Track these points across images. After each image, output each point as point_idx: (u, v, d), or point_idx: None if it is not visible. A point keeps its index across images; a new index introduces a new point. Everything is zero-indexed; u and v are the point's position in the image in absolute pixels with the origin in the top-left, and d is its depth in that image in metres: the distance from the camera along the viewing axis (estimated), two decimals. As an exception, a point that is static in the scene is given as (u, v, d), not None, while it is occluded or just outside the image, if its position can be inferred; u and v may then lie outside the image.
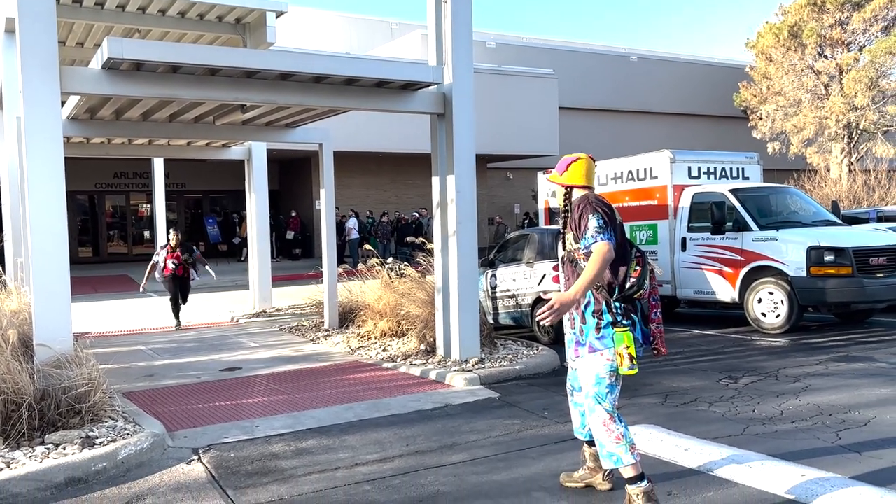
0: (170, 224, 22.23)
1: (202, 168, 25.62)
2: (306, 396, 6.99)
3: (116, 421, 5.62)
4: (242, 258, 22.61)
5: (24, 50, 6.07)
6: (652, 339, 4.04)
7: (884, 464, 4.55)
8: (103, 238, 27.59)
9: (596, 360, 3.94)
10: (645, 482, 3.80)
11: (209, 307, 14.60)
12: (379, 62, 8.70)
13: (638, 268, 3.95)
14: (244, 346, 10.21)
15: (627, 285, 3.91)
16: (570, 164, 4.11)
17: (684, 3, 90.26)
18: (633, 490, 3.80)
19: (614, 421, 3.91)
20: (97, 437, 5.20)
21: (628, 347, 3.78)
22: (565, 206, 4.11)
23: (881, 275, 9.70)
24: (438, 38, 8.19)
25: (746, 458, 4.70)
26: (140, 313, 14.17)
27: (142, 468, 4.99)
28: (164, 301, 12.82)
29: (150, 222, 25.59)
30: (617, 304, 3.88)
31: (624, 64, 32.36)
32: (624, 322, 3.85)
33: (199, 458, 5.19)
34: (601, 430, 3.92)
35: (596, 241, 3.79)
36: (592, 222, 3.83)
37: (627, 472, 3.84)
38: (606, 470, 4.17)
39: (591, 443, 4.25)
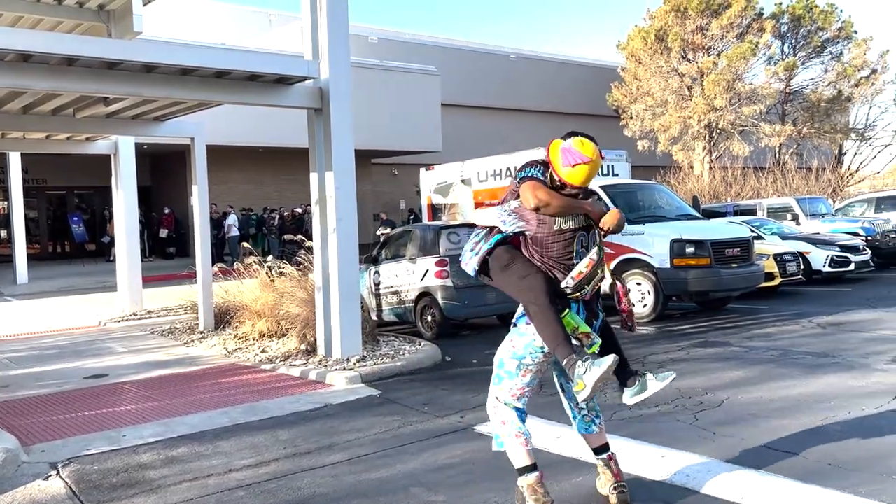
0: (30, 223, 20.74)
1: (65, 162, 23.98)
2: (178, 402, 6.72)
3: (-38, 438, 5.19)
4: (111, 258, 21.38)
5: None
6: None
7: (735, 441, 4.91)
8: (-49, 238, 25.35)
9: (506, 344, 3.87)
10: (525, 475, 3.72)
11: (74, 311, 13.73)
12: (251, 54, 8.46)
13: None
14: (112, 352, 9.69)
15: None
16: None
17: (562, 5, 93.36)
18: (522, 482, 3.75)
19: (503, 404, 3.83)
20: (-61, 457, 4.78)
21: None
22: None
23: (736, 265, 10.46)
24: (314, 31, 8.05)
25: (613, 441, 4.92)
26: (-6, 320, 13.13)
27: (-8, 488, 4.64)
28: (24, 304, 11.85)
29: (6, 221, 23.71)
30: None
31: (504, 62, 33.06)
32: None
33: (59, 473, 4.88)
34: (490, 408, 3.90)
35: None
36: None
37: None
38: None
39: (599, 450, 4.04)
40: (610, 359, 3.51)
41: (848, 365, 7.00)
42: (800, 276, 12.97)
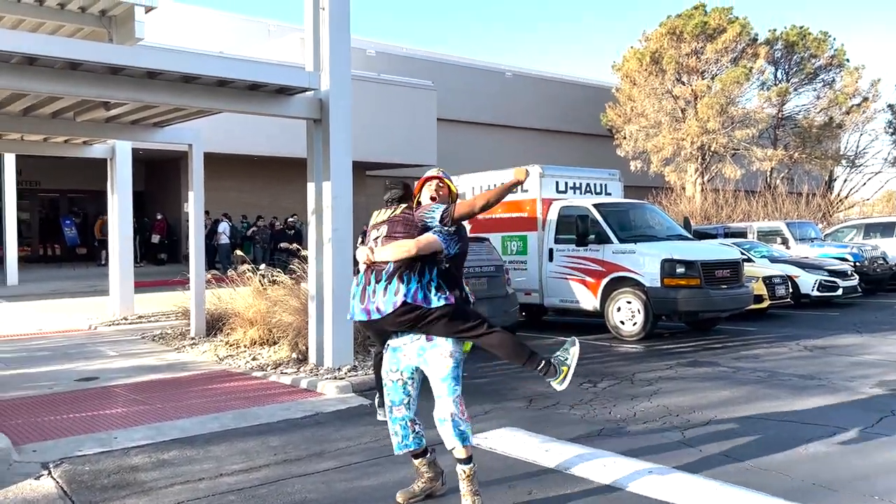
0: (22, 225, 20.68)
1: (60, 166, 23.91)
2: (169, 407, 6.73)
3: (-46, 436, 5.20)
4: (103, 262, 21.35)
5: None
6: None
7: (722, 458, 4.98)
8: (-59, 238, 25.19)
9: (446, 346, 4.16)
10: (473, 463, 4.14)
11: (64, 314, 13.69)
12: (254, 64, 8.55)
13: None
14: (103, 355, 9.68)
15: None
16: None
17: (560, 24, 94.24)
18: (470, 468, 4.10)
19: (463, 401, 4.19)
20: (-69, 454, 4.79)
21: None
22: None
23: (725, 286, 10.57)
24: (316, 44, 8.15)
25: (601, 456, 5.01)
26: (-16, 320, 13.07)
27: (-17, 486, 4.65)
28: (15, 306, 11.79)
29: (-3, 222, 23.65)
30: None
31: (500, 79, 33.30)
32: None
33: (50, 473, 4.90)
34: (459, 410, 4.11)
35: None
36: None
37: (467, 452, 4.09)
38: (443, 475, 4.44)
39: (422, 453, 4.38)
40: (576, 341, 4.39)
41: (834, 388, 7.10)
42: (788, 300, 13.11)
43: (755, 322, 12.11)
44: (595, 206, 11.23)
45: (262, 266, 10.81)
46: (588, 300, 10.97)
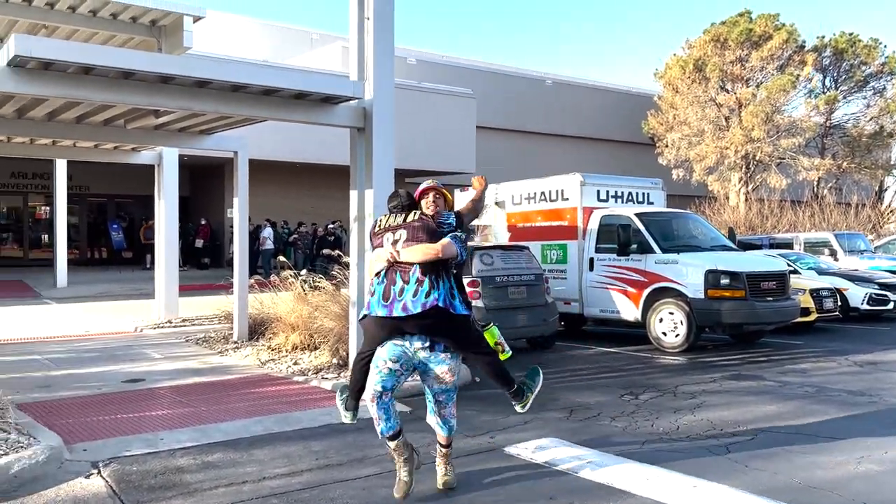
0: (71, 229, 21.15)
1: (108, 171, 24.56)
2: (213, 409, 6.84)
3: (9, 433, 5.35)
4: (148, 265, 21.82)
5: (-79, 41, 5.75)
6: None
7: (768, 475, 4.88)
8: (-4, 241, 26.05)
9: (451, 364, 4.55)
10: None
11: (111, 316, 14.02)
12: (300, 73, 8.67)
13: None
14: (148, 357, 9.88)
15: None
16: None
17: (599, 31, 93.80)
18: (450, 448, 4.80)
19: None
20: (-13, 451, 4.94)
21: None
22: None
23: (771, 298, 10.36)
24: (360, 54, 8.24)
25: (644, 470, 4.95)
26: (37, 321, 13.46)
27: (36, 482, 4.77)
28: (63, 307, 12.11)
29: (49, 226, 24.34)
30: None
31: (539, 87, 33.19)
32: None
33: (100, 472, 5.02)
34: (455, 412, 4.76)
35: None
36: None
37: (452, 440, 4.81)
38: (414, 449, 4.71)
39: (399, 433, 4.58)
40: (539, 370, 4.91)
41: (886, 404, 6.91)
42: (836, 313, 12.78)
43: (801, 335, 11.84)
44: (637, 214, 11.11)
45: (304, 272, 10.93)
46: (629, 311, 10.86)
